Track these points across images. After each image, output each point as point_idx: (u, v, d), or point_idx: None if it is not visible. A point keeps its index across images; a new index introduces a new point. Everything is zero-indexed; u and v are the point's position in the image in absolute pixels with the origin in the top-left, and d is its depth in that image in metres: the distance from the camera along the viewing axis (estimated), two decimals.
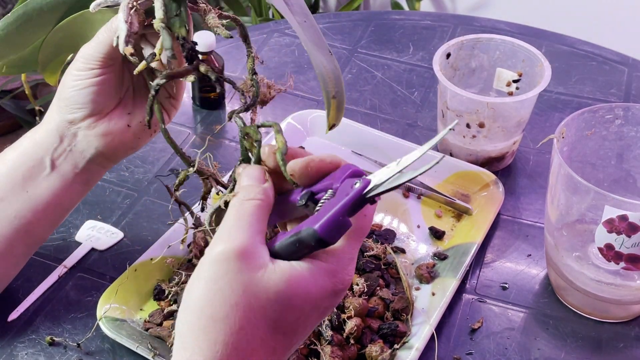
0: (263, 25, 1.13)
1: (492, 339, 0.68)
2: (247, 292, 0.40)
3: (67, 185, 0.62)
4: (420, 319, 0.67)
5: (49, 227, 0.65)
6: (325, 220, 0.40)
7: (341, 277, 0.43)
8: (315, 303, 0.42)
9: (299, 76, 1.02)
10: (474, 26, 1.12)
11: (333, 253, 0.43)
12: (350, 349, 0.63)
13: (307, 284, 0.41)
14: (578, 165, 0.71)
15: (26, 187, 0.61)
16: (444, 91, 0.81)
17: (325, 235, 0.40)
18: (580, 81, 1.01)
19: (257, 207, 0.43)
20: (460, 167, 0.82)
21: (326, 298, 0.42)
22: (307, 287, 0.41)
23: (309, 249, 0.42)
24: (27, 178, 0.61)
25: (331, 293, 0.42)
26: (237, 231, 0.41)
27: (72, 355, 0.66)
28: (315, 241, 0.40)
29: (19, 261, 0.65)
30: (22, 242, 0.63)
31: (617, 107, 0.69)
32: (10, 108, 1.90)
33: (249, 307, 0.40)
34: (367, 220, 0.44)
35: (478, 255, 0.75)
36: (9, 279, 0.66)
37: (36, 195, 0.61)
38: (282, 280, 0.41)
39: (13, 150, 0.62)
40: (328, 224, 0.40)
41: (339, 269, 0.43)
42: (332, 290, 0.42)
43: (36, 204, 0.61)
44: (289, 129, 0.88)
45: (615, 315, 0.69)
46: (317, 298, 0.42)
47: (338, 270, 0.42)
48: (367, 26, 1.13)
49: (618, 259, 0.63)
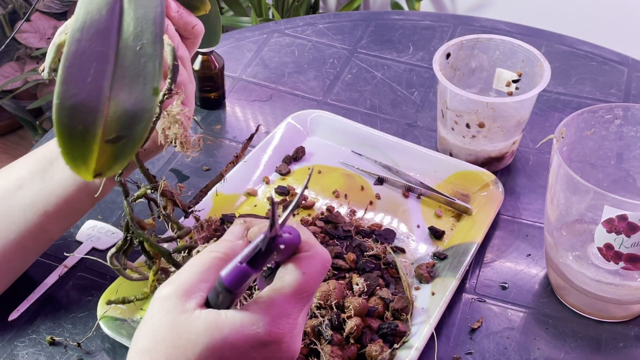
0: (263, 25, 1.13)
1: (491, 338, 0.68)
2: (172, 331, 0.42)
3: (76, 184, 0.64)
4: (420, 319, 0.67)
5: (58, 226, 0.66)
6: (228, 269, 0.43)
7: (267, 329, 0.43)
8: (239, 351, 0.43)
9: (299, 76, 1.02)
10: (474, 26, 1.12)
11: (262, 304, 0.44)
12: (350, 348, 0.64)
13: (230, 332, 0.42)
14: (577, 165, 0.71)
15: (44, 178, 0.64)
16: (444, 91, 0.81)
17: (226, 282, 0.43)
18: (579, 81, 1.01)
19: (214, 259, 0.45)
20: (460, 167, 0.83)
21: (251, 348, 0.43)
22: (229, 334, 0.42)
23: (224, 297, 0.44)
24: (47, 169, 0.64)
25: (258, 343, 0.43)
26: (183, 276, 0.44)
27: (72, 355, 0.66)
28: (222, 288, 0.43)
29: (27, 256, 0.66)
30: (32, 236, 0.64)
31: (617, 107, 0.69)
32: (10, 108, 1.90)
33: (173, 345, 0.42)
34: (305, 277, 0.45)
35: (478, 255, 0.76)
36: (15, 274, 0.67)
37: (50, 186, 0.63)
38: (204, 325, 0.42)
39: (44, 145, 0.66)
40: (229, 271, 0.43)
41: (267, 320, 0.43)
42: (259, 341, 0.43)
43: (49, 196, 0.63)
44: (289, 129, 0.89)
45: (614, 315, 0.69)
46: (239, 346, 0.43)
47: (263, 323, 0.43)
48: (367, 26, 1.13)
49: (617, 259, 0.63)
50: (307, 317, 0.49)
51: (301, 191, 0.45)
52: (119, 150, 0.47)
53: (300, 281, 0.44)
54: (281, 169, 0.85)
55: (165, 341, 0.42)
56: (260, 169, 0.84)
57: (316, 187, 0.83)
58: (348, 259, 0.71)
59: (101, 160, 0.46)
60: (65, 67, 0.46)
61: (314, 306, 0.65)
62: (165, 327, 0.43)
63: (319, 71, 1.03)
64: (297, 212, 0.80)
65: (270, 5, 1.83)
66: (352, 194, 0.82)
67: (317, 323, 0.64)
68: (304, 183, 0.46)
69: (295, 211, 0.79)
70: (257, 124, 0.94)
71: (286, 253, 0.45)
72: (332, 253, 0.72)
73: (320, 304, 0.65)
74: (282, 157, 0.86)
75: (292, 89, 1.00)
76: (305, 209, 0.80)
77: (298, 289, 0.44)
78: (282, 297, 0.44)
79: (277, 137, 0.87)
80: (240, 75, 1.03)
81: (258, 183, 0.83)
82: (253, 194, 0.82)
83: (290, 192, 0.82)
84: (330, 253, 0.71)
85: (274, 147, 0.87)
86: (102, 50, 0.48)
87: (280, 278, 0.45)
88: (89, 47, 0.48)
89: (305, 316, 0.47)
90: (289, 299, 0.44)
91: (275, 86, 1.01)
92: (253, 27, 1.14)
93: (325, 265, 0.46)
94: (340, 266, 0.71)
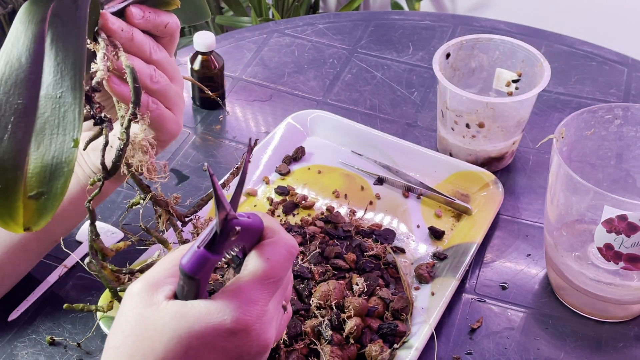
0: (263, 25, 1.13)
1: (491, 338, 0.68)
2: (139, 324, 0.42)
3: (80, 186, 0.64)
4: (420, 319, 0.67)
5: (62, 227, 0.66)
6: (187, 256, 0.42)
7: (234, 316, 0.42)
8: (205, 340, 0.42)
9: (299, 76, 1.02)
10: (474, 26, 1.12)
11: (228, 292, 0.43)
12: (350, 348, 0.64)
13: (195, 320, 0.42)
14: (577, 165, 0.71)
15: None
16: (444, 91, 0.81)
17: (185, 268, 0.42)
18: (579, 81, 1.01)
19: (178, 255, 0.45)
20: (460, 167, 0.83)
21: (218, 337, 0.42)
22: (195, 323, 0.42)
23: (188, 286, 0.43)
24: None
25: (225, 332, 0.42)
26: (152, 272, 0.45)
27: (72, 355, 0.66)
28: (183, 275, 0.42)
29: (29, 257, 0.67)
30: (36, 238, 0.64)
31: (617, 107, 0.69)
32: None
33: (140, 338, 0.42)
34: (270, 263, 0.44)
35: (478, 255, 0.76)
36: (19, 276, 0.67)
37: None
38: (169, 315, 0.42)
39: None
40: (187, 257, 0.42)
41: (231, 308, 0.42)
42: (226, 329, 0.42)
43: None
44: (289, 129, 0.89)
45: (614, 315, 0.69)
46: (206, 335, 0.42)
47: (230, 310, 0.42)
48: (367, 26, 1.13)
49: (617, 259, 0.63)
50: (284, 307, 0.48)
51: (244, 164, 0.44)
52: (41, 205, 0.45)
53: (265, 267, 0.44)
54: (281, 169, 0.85)
55: (133, 335, 0.42)
56: (260, 169, 0.84)
57: (316, 187, 0.83)
58: (348, 259, 0.71)
59: (27, 216, 0.45)
60: None
61: (314, 306, 0.65)
62: (133, 321, 0.42)
63: (318, 71, 1.03)
64: (297, 212, 0.80)
65: (270, 5, 1.83)
66: (352, 194, 0.82)
67: (317, 323, 0.64)
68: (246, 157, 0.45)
69: (295, 211, 0.79)
70: (257, 124, 0.94)
71: (249, 239, 0.45)
72: (332, 253, 0.72)
73: (320, 304, 0.65)
74: (282, 157, 0.86)
75: (292, 89, 1.00)
76: (305, 209, 0.80)
77: (262, 275, 0.44)
78: (247, 284, 0.43)
79: (277, 137, 0.87)
80: (240, 75, 1.03)
81: (258, 183, 0.83)
82: (253, 194, 0.82)
83: (290, 192, 0.82)
84: (330, 253, 0.72)
85: (274, 147, 0.87)
86: (22, 102, 0.46)
87: (245, 266, 0.44)
88: (6, 100, 0.46)
89: (277, 305, 0.46)
90: (254, 286, 0.43)
91: (275, 86, 1.01)
92: (253, 27, 1.14)
93: (291, 251, 0.45)
94: (340, 266, 0.71)
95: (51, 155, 0.46)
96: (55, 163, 0.46)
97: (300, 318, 0.65)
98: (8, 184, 0.45)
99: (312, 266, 0.70)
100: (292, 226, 0.76)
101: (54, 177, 0.46)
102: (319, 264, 0.70)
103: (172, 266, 0.45)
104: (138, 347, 0.42)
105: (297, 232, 0.74)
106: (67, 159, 0.46)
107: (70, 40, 0.48)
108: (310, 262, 0.70)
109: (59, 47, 0.48)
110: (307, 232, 0.74)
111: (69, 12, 0.50)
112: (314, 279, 0.69)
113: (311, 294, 0.67)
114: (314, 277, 0.69)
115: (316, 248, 0.72)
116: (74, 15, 0.49)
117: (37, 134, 0.46)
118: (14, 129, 0.45)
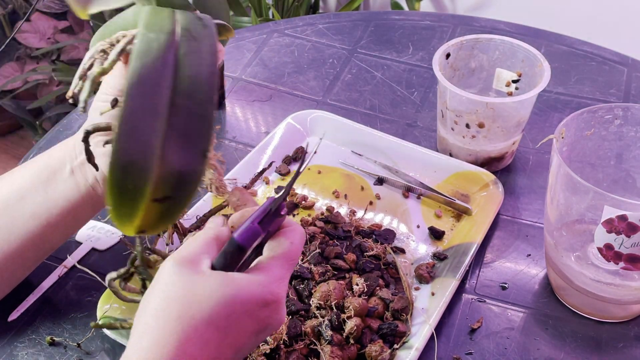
0: (263, 25, 1.13)
1: (491, 338, 0.68)
2: (186, 289, 0.46)
3: (80, 196, 0.63)
4: (420, 319, 0.67)
5: (60, 235, 0.66)
6: (241, 229, 0.49)
7: (270, 289, 0.48)
8: (246, 307, 0.47)
9: (299, 76, 1.02)
10: (474, 26, 1.12)
11: (262, 268, 0.49)
12: (350, 348, 0.64)
13: (238, 289, 0.47)
14: (577, 165, 0.71)
15: (47, 188, 0.63)
16: (444, 91, 0.81)
17: (240, 240, 0.48)
18: (579, 81, 1.01)
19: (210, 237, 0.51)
20: (460, 167, 0.83)
21: (257, 305, 0.48)
22: (240, 291, 0.47)
23: (233, 257, 0.49)
24: (50, 180, 0.63)
25: (262, 301, 0.48)
26: (188, 247, 0.49)
27: (72, 355, 0.66)
28: (234, 247, 0.48)
29: (26, 264, 0.66)
30: (34, 246, 0.64)
31: (617, 107, 0.69)
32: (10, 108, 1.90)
33: (188, 301, 0.46)
34: (294, 247, 0.51)
35: (478, 255, 0.76)
36: (16, 281, 0.67)
37: (53, 197, 0.63)
38: (216, 282, 0.47)
39: (46, 154, 0.65)
40: (242, 231, 0.48)
41: (267, 282, 0.49)
42: (263, 299, 0.48)
43: (52, 206, 0.63)
44: (289, 129, 0.89)
45: (614, 315, 0.69)
46: (247, 302, 0.47)
47: (266, 283, 0.48)
48: (367, 26, 1.13)
49: (617, 259, 0.63)
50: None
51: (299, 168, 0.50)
52: (165, 210, 0.47)
53: (291, 249, 0.51)
54: (281, 169, 0.85)
55: (180, 298, 0.46)
56: (260, 169, 0.84)
57: (316, 187, 0.83)
58: (348, 259, 0.71)
59: (147, 219, 0.47)
60: (120, 124, 0.45)
61: (314, 306, 0.65)
62: (180, 286, 0.46)
63: (318, 71, 1.03)
64: (297, 212, 0.80)
65: (270, 5, 1.83)
66: (352, 194, 0.82)
67: (317, 323, 0.64)
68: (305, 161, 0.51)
69: (295, 211, 0.80)
70: (257, 124, 0.94)
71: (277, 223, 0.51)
72: (332, 253, 0.72)
73: (320, 304, 0.65)
74: (281, 157, 0.86)
75: (292, 89, 1.00)
76: (305, 209, 0.80)
77: (289, 255, 0.51)
78: (278, 262, 0.50)
79: (277, 138, 0.87)
80: (240, 76, 1.03)
81: (258, 183, 0.83)
82: (253, 194, 0.82)
83: (290, 192, 0.82)
84: (330, 253, 0.72)
85: (274, 148, 0.87)
86: (155, 104, 0.47)
87: (272, 248, 0.51)
88: (142, 103, 0.47)
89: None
90: (283, 264, 0.50)
91: (275, 86, 1.01)
92: (253, 27, 1.14)
93: (303, 238, 0.52)
94: (340, 266, 0.71)
95: (180, 163, 0.47)
96: (183, 171, 0.47)
97: (300, 318, 0.65)
98: (138, 186, 0.46)
99: (312, 266, 0.70)
100: None
101: (183, 184, 0.47)
102: (319, 264, 0.70)
103: (205, 244, 0.49)
104: (186, 309, 0.45)
105: None
106: (196, 169, 0.48)
107: (203, 57, 0.50)
108: (310, 262, 0.71)
109: (191, 60, 0.49)
110: (307, 232, 0.74)
111: (197, 28, 0.51)
112: (314, 279, 0.69)
113: (311, 294, 0.67)
114: (314, 278, 0.69)
115: (316, 248, 0.72)
116: (203, 33, 0.51)
117: (169, 140, 0.47)
118: (149, 132, 0.46)
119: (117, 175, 0.45)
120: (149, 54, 0.48)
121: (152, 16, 0.51)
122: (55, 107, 1.90)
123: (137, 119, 0.46)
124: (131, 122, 0.46)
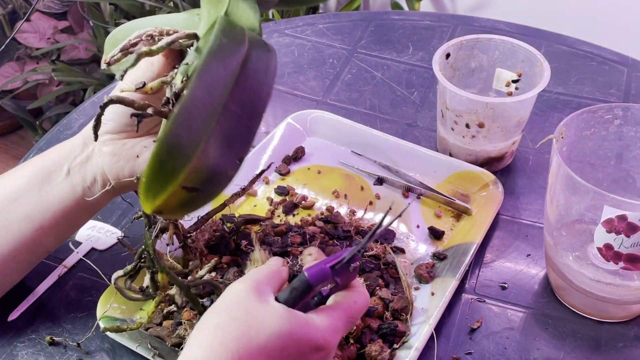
0: (263, 25, 1.13)
1: (491, 338, 0.68)
2: (249, 313, 0.49)
3: (75, 199, 0.63)
4: (420, 319, 0.67)
5: (54, 239, 0.65)
6: (313, 268, 0.52)
7: (324, 335, 0.51)
8: (298, 345, 0.49)
9: (299, 76, 1.02)
10: (474, 26, 1.12)
11: (323, 314, 0.52)
12: (350, 348, 0.64)
13: (298, 326, 0.50)
14: (577, 165, 0.71)
15: (41, 191, 0.63)
16: (444, 91, 0.81)
17: (309, 276, 0.51)
18: (579, 81, 1.01)
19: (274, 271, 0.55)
20: (460, 167, 0.83)
21: (309, 347, 0.50)
22: (297, 328, 0.50)
23: (298, 294, 0.52)
24: (45, 181, 0.63)
25: (314, 345, 0.50)
26: (255, 276, 0.53)
27: (72, 355, 0.66)
28: (302, 282, 0.51)
29: (20, 268, 0.66)
30: (27, 250, 0.64)
31: (617, 107, 0.69)
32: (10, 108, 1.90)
33: (247, 325, 0.49)
34: (357, 306, 0.54)
35: (477, 255, 0.75)
36: (10, 284, 0.67)
37: (48, 200, 0.63)
38: (277, 314, 0.50)
39: (42, 155, 0.65)
40: (314, 269, 0.51)
41: (324, 328, 0.51)
42: (316, 343, 0.50)
43: (46, 209, 0.63)
44: (289, 129, 0.89)
45: (614, 315, 0.69)
46: (300, 341, 0.50)
47: (323, 329, 0.51)
48: (367, 26, 1.13)
49: (617, 259, 0.63)
50: None
51: (380, 221, 0.52)
52: (190, 199, 0.49)
53: (354, 307, 0.53)
54: (281, 169, 0.85)
55: (241, 320, 0.48)
56: (260, 169, 0.84)
57: (316, 187, 0.83)
58: None
59: (170, 202, 0.48)
60: (182, 107, 0.47)
61: None
62: (243, 308, 0.49)
63: (318, 71, 1.03)
64: (297, 212, 0.80)
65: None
66: (352, 194, 0.82)
67: None
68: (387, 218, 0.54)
69: (295, 211, 0.79)
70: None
71: (345, 280, 0.54)
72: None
73: None
74: (281, 157, 0.86)
75: (292, 89, 1.00)
76: (305, 209, 0.80)
77: (350, 312, 0.53)
78: (339, 314, 0.53)
79: (277, 137, 0.87)
80: None
81: (258, 183, 0.83)
82: (253, 194, 0.82)
83: (290, 192, 0.82)
84: (329, 253, 0.72)
85: (274, 147, 0.87)
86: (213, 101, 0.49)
87: (337, 301, 0.53)
88: (205, 95, 0.49)
89: None
90: (342, 317, 0.53)
91: (275, 86, 1.01)
92: None
93: (368, 302, 0.55)
94: None
95: (217, 161, 0.49)
96: (219, 171, 0.50)
97: None
98: (175, 168, 0.47)
99: None
100: (292, 226, 0.76)
101: (214, 181, 0.50)
102: None
103: (271, 277, 0.53)
104: (245, 331, 0.48)
105: (297, 232, 0.74)
106: (229, 172, 0.51)
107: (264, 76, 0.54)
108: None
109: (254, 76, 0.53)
110: (307, 232, 0.74)
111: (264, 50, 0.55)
112: None
113: None
114: None
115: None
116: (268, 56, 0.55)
117: (214, 137, 0.49)
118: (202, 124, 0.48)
119: (161, 153, 0.47)
120: (221, 55, 0.51)
121: (228, 25, 0.53)
122: (55, 107, 1.90)
123: (197, 108, 0.48)
124: (191, 109, 0.48)
